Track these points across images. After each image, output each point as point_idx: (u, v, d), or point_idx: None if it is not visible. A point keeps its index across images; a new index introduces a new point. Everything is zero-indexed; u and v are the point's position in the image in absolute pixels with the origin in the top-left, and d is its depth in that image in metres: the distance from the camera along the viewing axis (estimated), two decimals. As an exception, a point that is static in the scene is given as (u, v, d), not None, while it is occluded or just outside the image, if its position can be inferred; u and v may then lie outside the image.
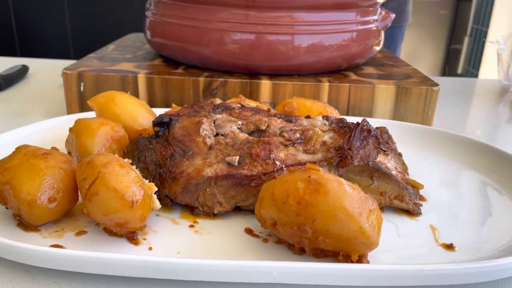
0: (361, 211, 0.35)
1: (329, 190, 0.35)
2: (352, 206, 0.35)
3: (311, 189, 0.35)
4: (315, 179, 0.36)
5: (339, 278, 0.34)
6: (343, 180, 0.36)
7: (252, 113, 0.50)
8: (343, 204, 0.34)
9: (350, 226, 0.35)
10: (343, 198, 0.35)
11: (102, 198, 0.37)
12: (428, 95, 0.67)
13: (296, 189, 0.36)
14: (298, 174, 0.37)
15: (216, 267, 0.34)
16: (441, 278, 0.34)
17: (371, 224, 0.35)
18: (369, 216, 0.35)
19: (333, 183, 0.35)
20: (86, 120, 0.50)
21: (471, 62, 2.84)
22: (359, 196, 0.36)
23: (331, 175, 0.37)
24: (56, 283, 0.36)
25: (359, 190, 0.37)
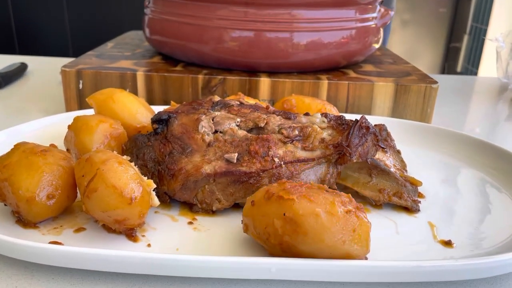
0: (344, 238, 0.33)
1: (307, 230, 0.33)
2: (334, 238, 0.33)
3: (289, 230, 0.34)
4: (291, 217, 0.34)
5: (338, 275, 0.34)
6: (320, 210, 0.33)
7: (250, 110, 0.50)
8: (324, 241, 0.33)
9: (336, 254, 0.34)
10: (323, 235, 0.33)
11: (101, 195, 0.37)
12: (427, 93, 0.67)
13: (274, 228, 0.35)
14: (273, 207, 0.35)
15: (214, 263, 0.34)
16: (439, 275, 0.34)
17: (358, 242, 0.34)
18: (354, 237, 0.34)
19: (309, 219, 0.33)
20: (85, 117, 0.50)
21: (471, 60, 2.83)
22: (339, 222, 0.33)
23: (306, 202, 0.34)
24: (55, 280, 0.36)
25: (337, 212, 0.34)
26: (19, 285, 0.35)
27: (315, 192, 0.35)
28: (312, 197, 0.34)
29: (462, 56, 2.92)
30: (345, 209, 0.34)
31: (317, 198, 0.34)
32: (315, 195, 0.35)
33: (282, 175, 0.43)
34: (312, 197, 0.34)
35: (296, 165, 0.44)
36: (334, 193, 0.35)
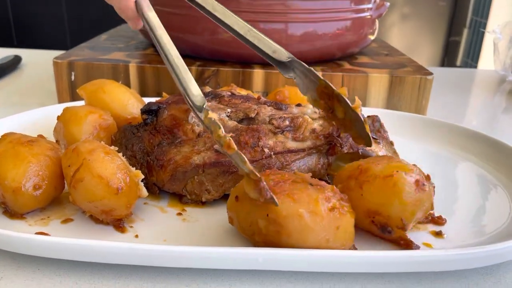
0: (328, 237, 0.33)
1: (290, 232, 0.33)
2: (318, 237, 0.33)
3: (273, 231, 0.33)
4: (274, 219, 0.33)
5: (326, 265, 0.34)
6: (303, 210, 0.33)
7: (241, 101, 0.49)
8: (308, 241, 0.33)
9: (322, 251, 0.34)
10: (307, 235, 0.33)
11: (87, 185, 0.36)
12: (422, 84, 0.67)
13: (258, 228, 0.34)
14: (256, 206, 0.34)
15: (201, 253, 0.33)
16: (430, 265, 0.34)
17: (341, 239, 0.34)
18: (338, 235, 0.33)
19: (293, 220, 0.33)
20: (74, 108, 0.49)
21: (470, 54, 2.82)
22: (323, 222, 0.33)
23: (289, 202, 0.33)
24: (41, 271, 0.36)
25: (321, 211, 0.33)
26: (4, 276, 0.35)
27: (299, 190, 0.34)
28: (296, 195, 0.33)
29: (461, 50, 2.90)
30: (329, 206, 0.33)
31: (301, 197, 0.33)
32: (298, 193, 0.33)
33: (272, 166, 0.43)
34: (296, 196, 0.33)
35: (287, 155, 0.43)
36: (318, 189, 0.34)
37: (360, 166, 0.38)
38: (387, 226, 0.36)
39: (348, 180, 0.38)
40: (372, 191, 0.36)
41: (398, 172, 0.36)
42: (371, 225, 0.37)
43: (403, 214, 0.36)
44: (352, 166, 0.39)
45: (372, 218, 0.37)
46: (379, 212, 0.36)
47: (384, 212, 0.36)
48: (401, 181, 0.36)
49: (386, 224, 0.36)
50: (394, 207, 0.36)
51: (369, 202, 0.36)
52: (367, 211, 0.37)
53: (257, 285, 0.35)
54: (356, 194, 0.37)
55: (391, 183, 0.36)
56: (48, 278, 0.35)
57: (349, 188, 0.38)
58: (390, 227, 0.36)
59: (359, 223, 0.37)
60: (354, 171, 0.38)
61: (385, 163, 0.38)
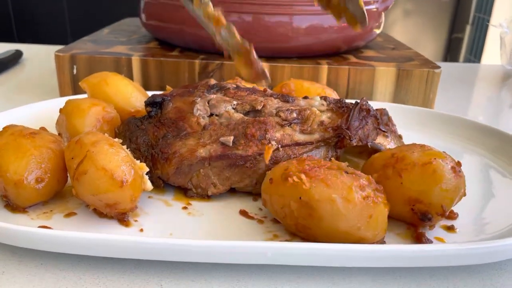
0: (359, 225, 0.33)
1: (322, 216, 0.33)
2: (349, 224, 0.33)
3: (305, 213, 0.34)
4: (306, 201, 0.33)
5: (337, 259, 0.33)
6: (336, 196, 0.33)
7: (247, 93, 0.48)
8: (339, 227, 0.33)
9: (350, 240, 0.34)
10: (338, 221, 0.33)
11: (91, 177, 0.35)
12: (429, 78, 0.66)
13: (290, 210, 0.34)
14: (290, 189, 0.34)
15: (208, 247, 0.32)
16: (443, 259, 0.33)
17: (373, 228, 0.34)
18: (370, 223, 0.33)
19: (325, 204, 0.33)
20: (77, 100, 0.48)
21: (473, 51, 2.80)
22: (355, 209, 0.33)
23: (322, 187, 0.33)
24: (43, 265, 0.35)
25: (354, 199, 0.33)
26: (6, 271, 0.34)
27: (334, 175, 0.34)
28: (330, 181, 0.34)
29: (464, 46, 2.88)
30: (363, 195, 0.33)
31: (335, 183, 0.34)
32: (333, 178, 0.34)
33: (279, 159, 0.42)
34: (329, 181, 0.34)
35: (294, 148, 0.42)
36: (353, 176, 0.34)
37: (395, 154, 0.38)
38: (427, 213, 0.36)
39: (384, 169, 0.38)
40: (412, 179, 0.36)
41: (436, 159, 0.36)
42: (410, 213, 0.37)
43: (443, 201, 0.36)
44: (385, 155, 0.39)
45: (412, 206, 0.36)
46: (420, 200, 0.36)
47: (425, 200, 0.36)
48: (440, 168, 0.36)
49: (427, 211, 0.36)
50: (435, 194, 0.35)
51: (409, 190, 0.36)
52: (407, 199, 0.36)
53: (266, 280, 0.34)
54: (395, 182, 0.37)
55: (430, 170, 0.36)
56: (51, 273, 0.34)
57: (386, 177, 0.37)
58: (430, 214, 0.36)
59: (396, 212, 0.37)
60: (389, 159, 0.38)
61: (420, 151, 0.38)
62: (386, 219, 0.35)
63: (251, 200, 0.43)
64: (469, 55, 2.84)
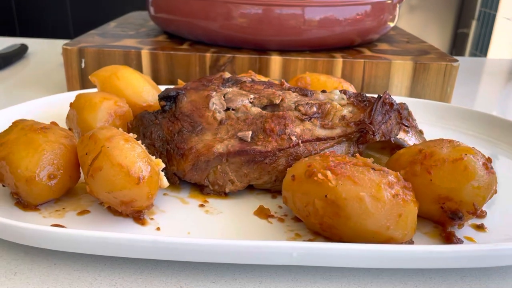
0: (389, 224, 0.31)
1: (350, 215, 0.31)
2: (378, 224, 0.31)
3: (331, 212, 0.32)
4: (333, 200, 0.32)
5: (366, 260, 0.31)
6: (365, 194, 0.31)
7: (264, 86, 0.47)
8: (367, 227, 0.31)
9: (379, 240, 0.32)
10: (366, 220, 0.31)
11: (106, 174, 0.34)
12: (447, 71, 0.64)
13: (315, 208, 0.33)
14: (315, 187, 0.33)
15: (231, 248, 0.31)
16: (477, 260, 0.31)
17: (403, 227, 0.32)
18: (400, 222, 0.32)
19: (353, 203, 0.31)
20: (88, 94, 0.47)
21: (479, 46, 2.78)
22: (385, 207, 0.31)
23: (350, 184, 0.32)
24: (57, 265, 0.33)
25: (383, 197, 0.31)
26: (18, 271, 0.33)
27: (361, 172, 0.32)
28: (357, 178, 0.32)
29: (470, 42, 2.86)
30: (392, 193, 0.32)
31: (362, 180, 0.32)
32: (360, 175, 0.32)
33: (300, 155, 0.40)
34: (357, 179, 0.32)
35: (315, 144, 0.41)
36: (380, 173, 0.33)
37: (423, 150, 0.36)
38: (458, 212, 0.34)
39: (411, 165, 0.36)
40: (442, 176, 0.34)
41: (467, 155, 0.34)
42: (439, 211, 0.35)
43: (475, 199, 0.34)
44: (411, 151, 0.37)
45: (442, 204, 0.35)
46: (450, 198, 0.34)
47: (456, 198, 0.34)
48: (472, 164, 0.34)
49: (457, 209, 0.34)
50: (466, 192, 0.34)
51: (439, 187, 0.34)
52: (437, 197, 0.35)
53: (290, 282, 0.32)
54: (424, 179, 0.35)
55: (461, 167, 0.34)
56: (65, 273, 0.33)
57: (414, 174, 0.35)
58: (461, 213, 0.34)
59: (424, 210, 0.35)
60: (416, 155, 0.36)
61: (449, 146, 0.36)
62: (416, 219, 0.33)
63: (269, 197, 0.42)
64: (475, 50, 2.82)
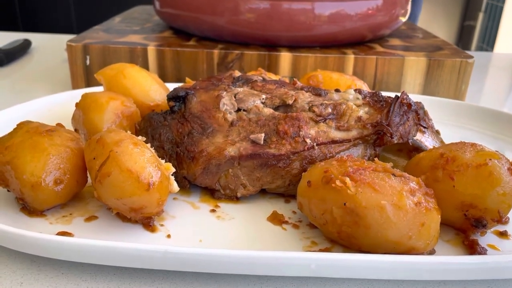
0: (411, 234, 0.30)
1: (370, 224, 0.30)
2: (400, 234, 0.30)
3: (350, 221, 0.31)
4: (352, 208, 0.30)
5: (388, 272, 0.30)
6: (386, 202, 0.30)
7: (276, 86, 0.45)
8: (388, 237, 0.30)
9: (400, 250, 0.31)
10: (387, 230, 0.30)
11: (115, 180, 0.32)
12: (462, 68, 0.62)
13: (332, 217, 0.31)
14: (333, 194, 0.31)
15: (247, 259, 0.29)
16: (504, 272, 0.30)
17: (425, 237, 0.31)
18: (422, 232, 0.30)
19: (373, 212, 0.30)
20: (94, 94, 0.45)
21: (485, 39, 2.74)
22: (407, 216, 0.30)
23: (370, 192, 0.30)
24: (64, 275, 0.32)
25: (405, 205, 0.30)
26: (24, 281, 0.31)
27: (381, 179, 0.31)
28: (377, 185, 0.30)
29: (476, 34, 2.82)
30: (414, 201, 0.30)
31: (383, 187, 0.30)
32: (380, 182, 0.30)
33: (315, 158, 0.39)
34: (377, 186, 0.30)
35: (330, 146, 0.39)
36: (401, 180, 0.31)
37: (444, 154, 0.35)
38: (482, 220, 0.33)
39: (433, 170, 0.34)
40: (466, 182, 0.33)
41: (491, 160, 0.33)
42: (462, 219, 0.34)
43: (500, 206, 0.32)
44: (432, 155, 0.36)
45: (465, 211, 0.33)
46: (474, 205, 0.33)
47: (480, 205, 0.33)
48: (497, 170, 0.32)
49: (482, 217, 0.33)
50: (491, 199, 0.32)
51: (462, 194, 0.33)
52: (460, 204, 0.33)
53: (307, 293, 0.31)
54: (446, 185, 0.33)
55: (486, 173, 0.32)
56: (73, 283, 0.31)
57: (436, 180, 0.34)
58: (485, 220, 0.33)
59: (445, 217, 0.34)
60: (437, 160, 0.35)
61: (472, 151, 0.34)
62: (439, 227, 0.32)
63: (283, 202, 0.40)
64: (482, 43, 2.78)
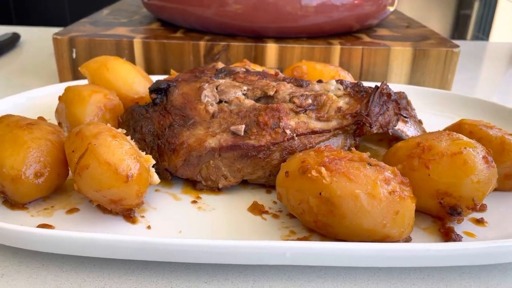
0: (385, 222, 0.30)
1: (345, 213, 0.30)
2: (374, 222, 0.30)
3: (325, 210, 0.31)
4: (327, 197, 0.31)
5: (361, 260, 0.31)
6: (360, 191, 0.30)
7: (258, 77, 0.45)
8: (363, 226, 0.31)
9: (375, 238, 0.31)
10: (362, 219, 0.30)
11: (93, 172, 0.33)
12: (448, 58, 0.62)
13: (309, 206, 0.32)
14: (309, 183, 0.32)
15: (221, 249, 0.30)
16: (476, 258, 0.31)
17: (400, 225, 0.31)
18: (396, 220, 0.31)
19: (348, 201, 0.30)
20: (77, 87, 0.45)
21: (481, 28, 2.73)
22: (381, 205, 0.30)
23: (344, 181, 0.30)
24: (45, 266, 0.32)
25: (379, 194, 0.30)
26: (6, 273, 0.32)
27: (356, 168, 0.31)
28: (352, 175, 0.31)
29: (472, 24, 2.81)
30: (388, 190, 0.31)
31: (358, 176, 0.31)
32: (355, 172, 0.31)
33: (294, 149, 0.39)
34: (352, 175, 0.31)
35: (310, 137, 0.40)
36: (377, 169, 0.32)
37: (421, 143, 0.35)
38: (457, 207, 0.33)
39: (409, 159, 0.35)
40: (441, 171, 0.33)
41: (466, 148, 0.33)
42: (438, 207, 0.34)
43: (475, 194, 0.33)
44: (409, 144, 0.36)
45: (440, 199, 0.34)
46: (449, 193, 0.33)
47: (455, 193, 0.33)
48: (472, 159, 0.33)
49: (456, 205, 0.33)
50: (466, 187, 0.33)
51: (437, 182, 0.33)
52: (435, 192, 0.34)
53: (284, 281, 0.32)
54: (422, 174, 0.34)
55: (460, 161, 0.33)
56: (53, 275, 0.32)
57: (412, 168, 0.34)
58: (460, 208, 0.33)
59: (422, 205, 0.34)
60: (414, 149, 0.35)
61: (447, 140, 0.35)
62: (413, 215, 0.32)
63: (264, 192, 0.41)
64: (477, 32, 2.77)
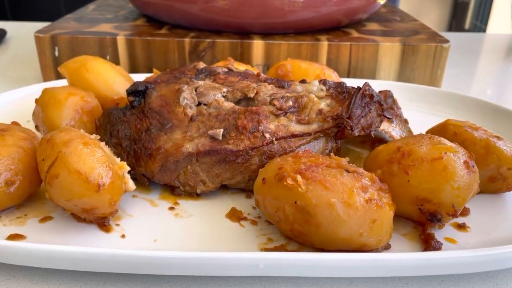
0: (362, 231, 0.30)
1: (320, 222, 0.30)
2: (350, 231, 0.30)
3: (301, 219, 0.30)
4: (302, 206, 0.30)
5: (337, 270, 0.30)
6: (336, 200, 0.29)
7: (239, 78, 0.44)
8: (339, 235, 0.30)
9: (351, 246, 0.31)
10: (338, 228, 0.30)
11: (64, 181, 0.32)
12: (437, 53, 0.61)
13: (285, 214, 0.31)
14: (284, 191, 0.31)
15: (193, 260, 0.29)
16: (453, 268, 0.30)
17: (377, 233, 0.30)
18: (374, 228, 0.30)
19: (323, 210, 0.29)
20: (53, 89, 0.44)
21: (479, 16, 2.71)
22: (357, 214, 0.29)
23: (320, 190, 0.30)
24: (15, 278, 0.32)
25: (355, 203, 0.29)
26: (-25, 286, 0.31)
27: (333, 176, 0.31)
28: (328, 183, 0.30)
29: (470, 12, 2.78)
30: (365, 198, 0.30)
31: (334, 185, 0.30)
32: (332, 179, 0.30)
33: (274, 153, 0.38)
34: (328, 183, 0.30)
35: (290, 141, 0.39)
36: (354, 176, 0.31)
37: (401, 148, 0.34)
38: (437, 214, 0.33)
39: (389, 164, 0.34)
40: (420, 176, 0.32)
41: (446, 154, 0.32)
42: (417, 213, 0.33)
43: (455, 200, 0.32)
44: (389, 148, 0.35)
45: (420, 205, 0.33)
46: (428, 199, 0.32)
47: (434, 199, 0.32)
48: (452, 164, 0.32)
49: (436, 211, 0.33)
50: (445, 193, 0.32)
51: (417, 188, 0.33)
52: (414, 198, 0.33)
53: (259, 292, 0.31)
54: (401, 180, 0.33)
55: (440, 167, 0.32)
56: (24, 286, 0.31)
57: (391, 174, 0.33)
58: (440, 215, 0.33)
59: (402, 211, 0.34)
60: (394, 154, 0.34)
61: (428, 144, 0.34)
62: (392, 223, 0.31)
63: (244, 197, 0.40)
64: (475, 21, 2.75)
